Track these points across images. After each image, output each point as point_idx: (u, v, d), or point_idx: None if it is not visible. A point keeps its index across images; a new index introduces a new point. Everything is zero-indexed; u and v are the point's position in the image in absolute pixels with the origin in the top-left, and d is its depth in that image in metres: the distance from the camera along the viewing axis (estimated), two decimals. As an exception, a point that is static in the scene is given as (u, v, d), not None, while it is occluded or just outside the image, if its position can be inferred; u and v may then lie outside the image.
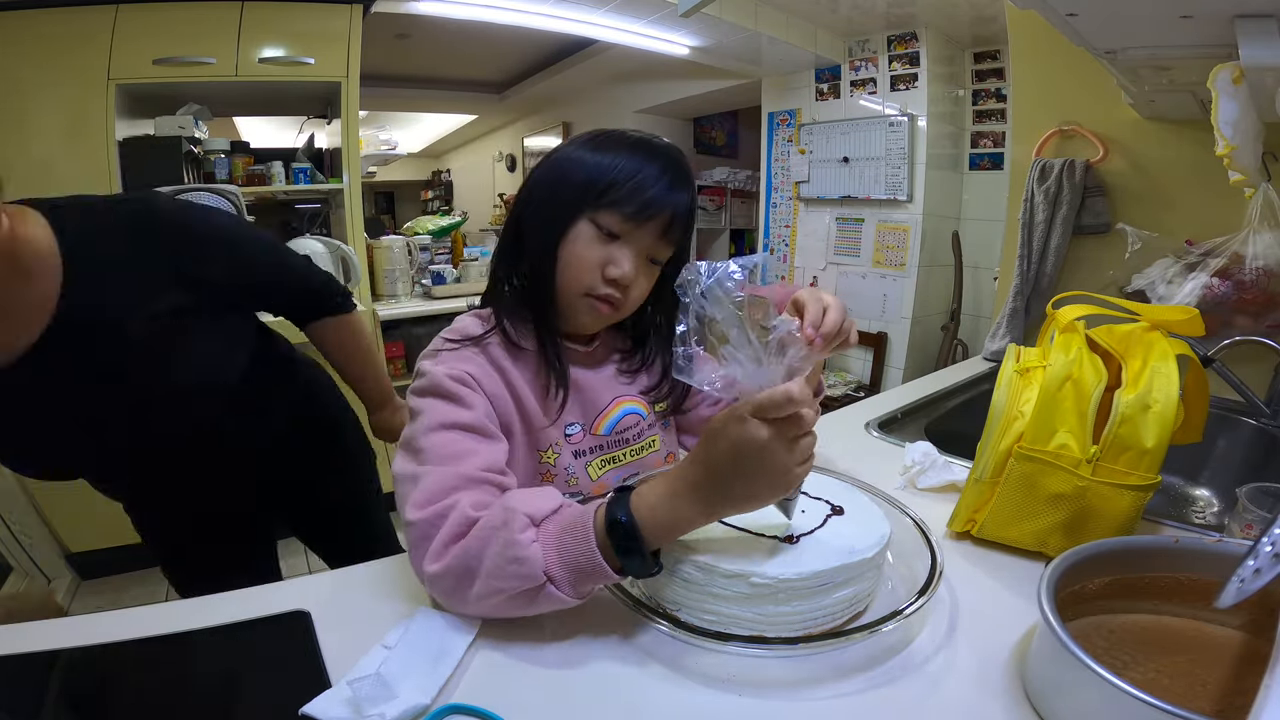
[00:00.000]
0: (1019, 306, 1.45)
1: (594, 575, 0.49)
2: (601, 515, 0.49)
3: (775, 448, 0.46)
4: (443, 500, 0.53)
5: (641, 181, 0.62)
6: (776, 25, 2.63)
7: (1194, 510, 1.02)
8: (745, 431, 0.46)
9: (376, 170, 4.79)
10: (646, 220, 0.63)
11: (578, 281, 0.64)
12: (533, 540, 0.49)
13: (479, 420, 0.60)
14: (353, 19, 2.01)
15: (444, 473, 0.55)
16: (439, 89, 4.49)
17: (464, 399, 0.61)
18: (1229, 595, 0.38)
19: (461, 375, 0.62)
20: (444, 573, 0.51)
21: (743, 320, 0.46)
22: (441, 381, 0.61)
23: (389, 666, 0.46)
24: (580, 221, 0.63)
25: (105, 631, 0.52)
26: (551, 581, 0.49)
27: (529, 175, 0.69)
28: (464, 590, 0.51)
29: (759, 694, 0.47)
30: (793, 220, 3.34)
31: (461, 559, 0.50)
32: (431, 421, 0.59)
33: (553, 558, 0.49)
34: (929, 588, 0.50)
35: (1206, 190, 1.16)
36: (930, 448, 0.81)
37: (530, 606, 0.50)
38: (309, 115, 2.51)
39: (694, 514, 0.48)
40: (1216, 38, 0.75)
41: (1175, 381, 0.59)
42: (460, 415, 0.60)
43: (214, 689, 0.49)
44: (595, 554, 0.48)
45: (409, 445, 0.60)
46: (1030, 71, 1.49)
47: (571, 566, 0.49)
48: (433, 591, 0.54)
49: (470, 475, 0.56)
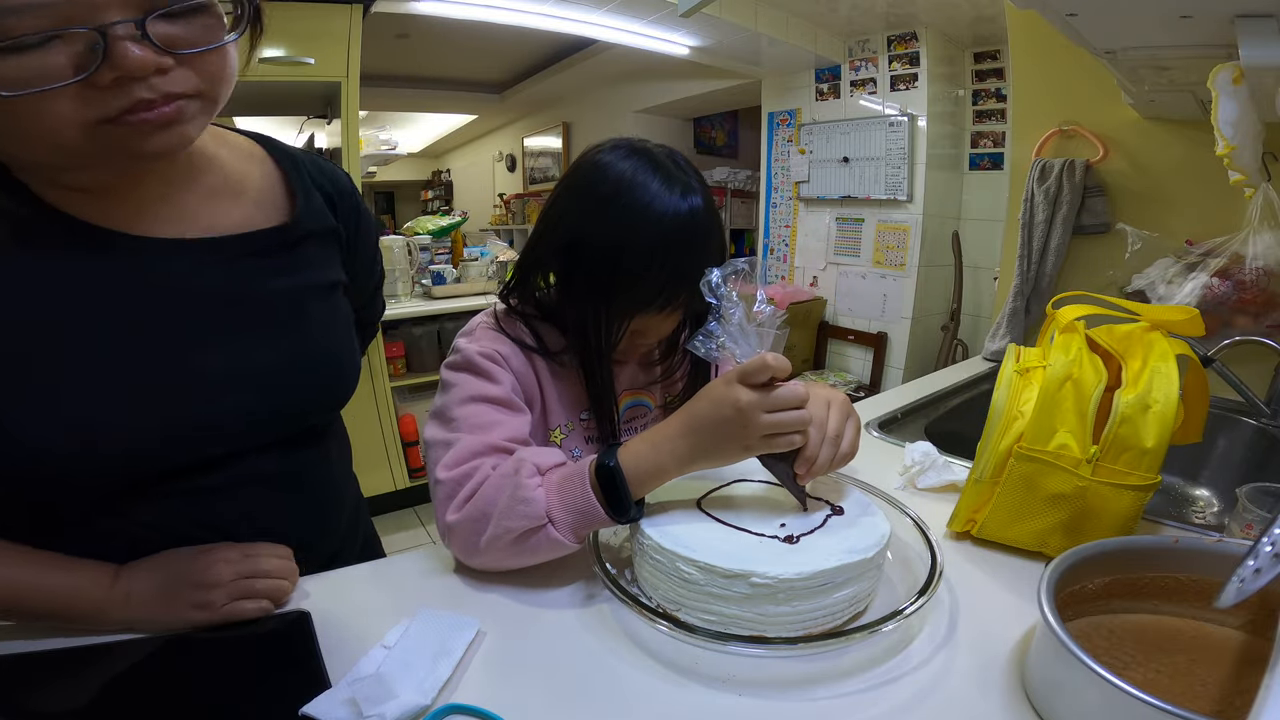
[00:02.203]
0: (1019, 306, 1.45)
1: (589, 516, 0.55)
2: (594, 463, 0.56)
3: (748, 410, 0.52)
4: (469, 463, 0.59)
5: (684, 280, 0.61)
6: (776, 25, 2.64)
7: (1194, 510, 1.02)
8: (727, 392, 0.53)
9: (376, 170, 4.79)
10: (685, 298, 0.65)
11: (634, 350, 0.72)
12: (538, 485, 0.55)
13: (506, 394, 0.65)
14: (353, 19, 2.01)
15: (472, 440, 0.60)
16: (439, 89, 4.50)
17: (493, 375, 0.65)
18: (1229, 595, 0.38)
19: (492, 353, 0.66)
20: (462, 519, 0.57)
21: (739, 305, 0.55)
22: (474, 358, 0.66)
23: (388, 666, 0.46)
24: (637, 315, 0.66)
25: (105, 631, 0.52)
26: (552, 523, 0.54)
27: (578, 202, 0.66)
28: (478, 536, 0.56)
29: (759, 694, 0.47)
30: (793, 220, 3.34)
31: (478, 505, 0.57)
32: (463, 394, 0.64)
33: (554, 500, 0.55)
34: (929, 588, 0.50)
35: (1206, 190, 1.16)
36: (930, 448, 0.81)
37: (533, 552, 0.56)
38: (309, 115, 2.51)
39: (670, 463, 0.55)
40: (1216, 38, 0.75)
41: (1175, 381, 0.59)
42: (489, 389, 0.64)
43: (214, 689, 0.49)
44: (590, 496, 0.55)
45: (442, 414, 0.65)
46: (1030, 71, 1.49)
47: (570, 508, 0.55)
48: (450, 544, 0.60)
49: (495, 444, 0.61)
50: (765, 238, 3.52)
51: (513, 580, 0.59)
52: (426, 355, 2.51)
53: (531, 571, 0.59)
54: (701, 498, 0.59)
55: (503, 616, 0.55)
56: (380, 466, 2.42)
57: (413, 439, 2.49)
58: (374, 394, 2.31)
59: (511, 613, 0.56)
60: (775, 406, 0.53)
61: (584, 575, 0.60)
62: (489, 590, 0.59)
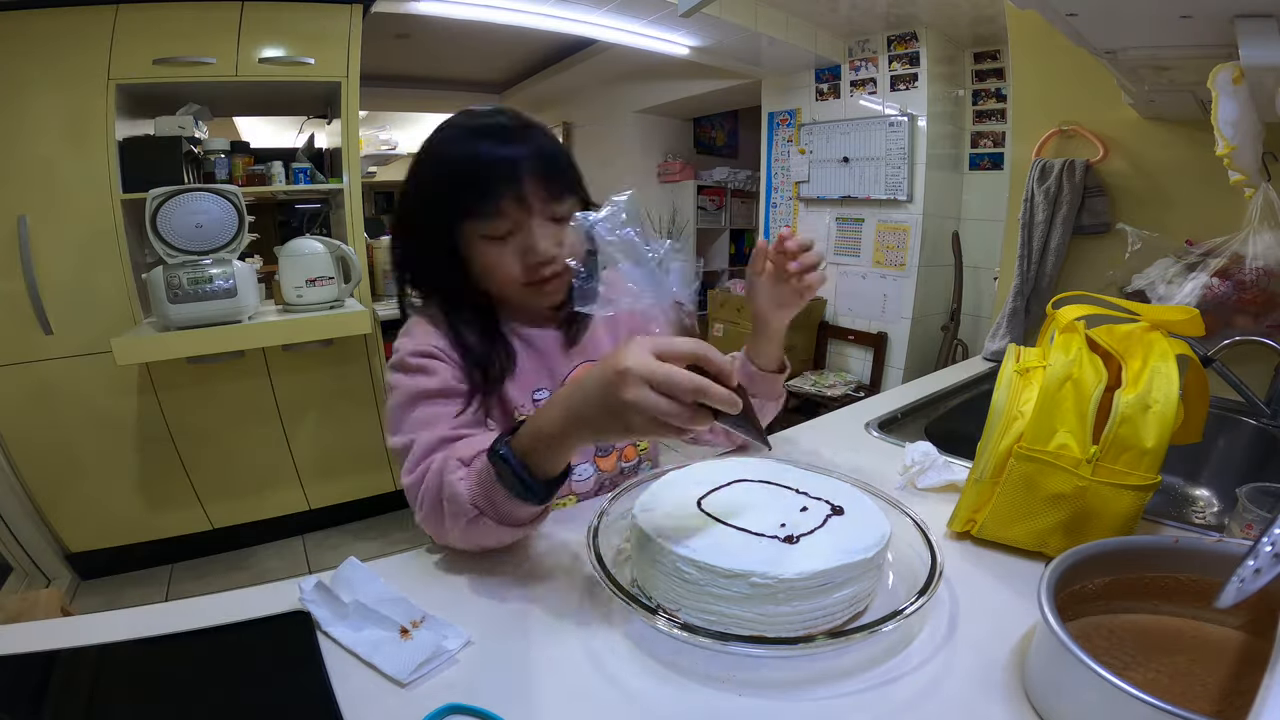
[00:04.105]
0: (1019, 306, 1.45)
1: (505, 505, 0.54)
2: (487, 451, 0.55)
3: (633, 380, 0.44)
4: (422, 463, 0.61)
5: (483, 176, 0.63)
6: (776, 25, 2.64)
7: (1194, 510, 1.02)
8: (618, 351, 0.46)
9: (376, 170, 4.79)
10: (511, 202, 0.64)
11: (510, 282, 0.68)
12: (462, 479, 0.56)
13: (445, 384, 0.65)
14: (353, 19, 2.01)
15: (423, 438, 0.62)
16: (439, 89, 4.50)
17: (427, 369, 0.66)
18: (1229, 595, 0.38)
19: (425, 348, 0.67)
20: (423, 519, 0.60)
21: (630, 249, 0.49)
22: (405, 358, 0.67)
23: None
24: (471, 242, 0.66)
25: (105, 631, 0.52)
26: (481, 512, 0.55)
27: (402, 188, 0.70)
28: (441, 531, 0.59)
29: (759, 694, 0.47)
30: (793, 220, 3.34)
31: (429, 503, 0.58)
32: (403, 395, 0.65)
33: (475, 491, 0.55)
34: (929, 588, 0.50)
35: (1206, 190, 1.16)
36: (930, 448, 0.81)
37: (487, 536, 0.57)
38: (309, 115, 2.51)
39: (549, 428, 0.51)
40: (1216, 38, 0.75)
41: (1175, 381, 0.59)
42: (426, 384, 0.65)
43: (214, 689, 0.49)
44: (496, 484, 0.54)
45: (390, 419, 0.66)
46: (1030, 71, 1.49)
47: (489, 498, 0.55)
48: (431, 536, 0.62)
49: (444, 436, 0.62)
50: (765, 238, 3.51)
51: (512, 580, 0.59)
52: (426, 355, 2.51)
53: (531, 571, 0.59)
54: (701, 498, 0.59)
55: (502, 616, 0.55)
56: (380, 467, 2.42)
57: (413, 439, 2.49)
58: (374, 394, 2.31)
59: (511, 612, 0.56)
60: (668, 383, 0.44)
61: (583, 575, 0.60)
62: (488, 590, 0.59)
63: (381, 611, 0.51)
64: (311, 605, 0.53)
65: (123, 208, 1.84)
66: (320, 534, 2.37)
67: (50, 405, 1.88)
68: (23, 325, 1.79)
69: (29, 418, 1.86)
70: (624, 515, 0.61)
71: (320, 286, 1.98)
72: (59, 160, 1.77)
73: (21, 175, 1.74)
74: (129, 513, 2.06)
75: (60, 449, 1.92)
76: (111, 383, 1.91)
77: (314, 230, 2.34)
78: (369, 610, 0.52)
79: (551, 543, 0.65)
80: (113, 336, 1.71)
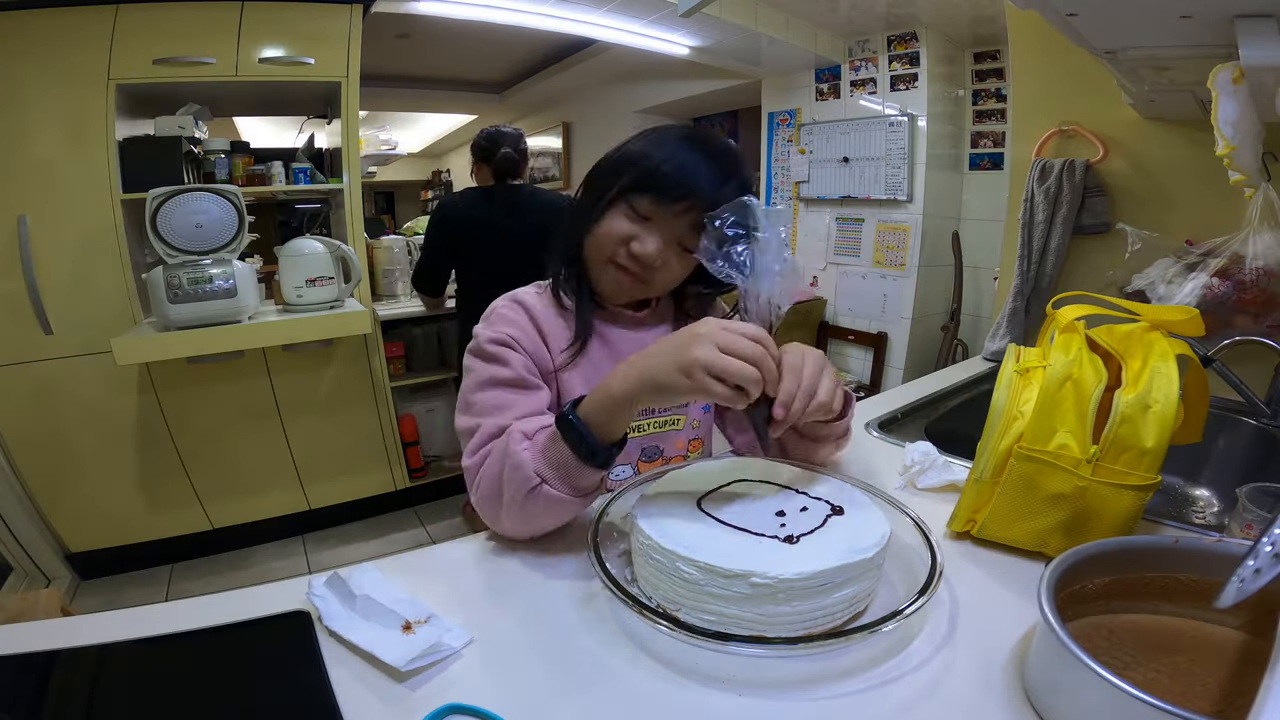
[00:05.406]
0: (1019, 306, 1.45)
1: (568, 468, 0.58)
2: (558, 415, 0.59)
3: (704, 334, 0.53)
4: (486, 446, 0.64)
5: (677, 168, 0.68)
6: (776, 25, 2.64)
7: (1194, 510, 1.02)
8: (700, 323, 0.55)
9: (376, 170, 4.79)
10: (676, 204, 0.68)
11: (600, 251, 0.72)
12: (525, 449, 0.59)
13: (518, 375, 0.69)
14: (353, 19, 2.01)
15: (489, 423, 0.65)
16: (439, 89, 4.50)
17: (502, 358, 0.69)
18: (1229, 595, 0.38)
19: (502, 337, 0.70)
20: (480, 499, 0.63)
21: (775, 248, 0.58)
22: (483, 345, 0.70)
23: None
24: (618, 203, 0.71)
25: (105, 631, 0.52)
26: (544, 480, 0.58)
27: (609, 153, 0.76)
28: (496, 510, 0.62)
29: (759, 694, 0.47)
30: (793, 220, 3.34)
31: (488, 481, 0.62)
32: (477, 379, 0.69)
33: (539, 460, 0.59)
34: (929, 588, 0.50)
35: (1206, 190, 1.16)
36: (930, 448, 0.81)
37: (543, 511, 0.60)
38: (309, 115, 2.51)
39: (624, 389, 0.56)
40: (1216, 38, 0.75)
41: (1175, 381, 0.59)
42: (500, 372, 0.69)
43: (214, 689, 0.49)
44: (565, 449, 0.58)
45: (462, 401, 0.70)
46: (1030, 71, 1.49)
47: (552, 464, 0.59)
48: (484, 520, 0.65)
49: (509, 423, 0.64)
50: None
51: (512, 580, 0.60)
52: (426, 355, 2.51)
53: (531, 571, 0.59)
54: (701, 497, 0.59)
55: (502, 616, 0.55)
56: (380, 467, 2.42)
57: (413, 439, 2.49)
58: (374, 394, 2.31)
59: (511, 612, 0.56)
60: (732, 347, 0.53)
61: (583, 574, 0.60)
62: (488, 590, 0.59)
63: (388, 607, 0.52)
64: (319, 599, 0.54)
65: (123, 208, 1.84)
66: (320, 534, 2.37)
67: (50, 405, 1.88)
68: (23, 325, 1.79)
69: (29, 418, 1.86)
70: (624, 515, 0.61)
71: (320, 286, 1.99)
72: (59, 160, 1.77)
73: (21, 175, 1.75)
74: (129, 512, 2.06)
75: (60, 449, 1.93)
76: (111, 383, 1.92)
77: (314, 230, 2.34)
78: (376, 604, 0.52)
79: (552, 543, 0.65)
80: (112, 336, 1.71)
